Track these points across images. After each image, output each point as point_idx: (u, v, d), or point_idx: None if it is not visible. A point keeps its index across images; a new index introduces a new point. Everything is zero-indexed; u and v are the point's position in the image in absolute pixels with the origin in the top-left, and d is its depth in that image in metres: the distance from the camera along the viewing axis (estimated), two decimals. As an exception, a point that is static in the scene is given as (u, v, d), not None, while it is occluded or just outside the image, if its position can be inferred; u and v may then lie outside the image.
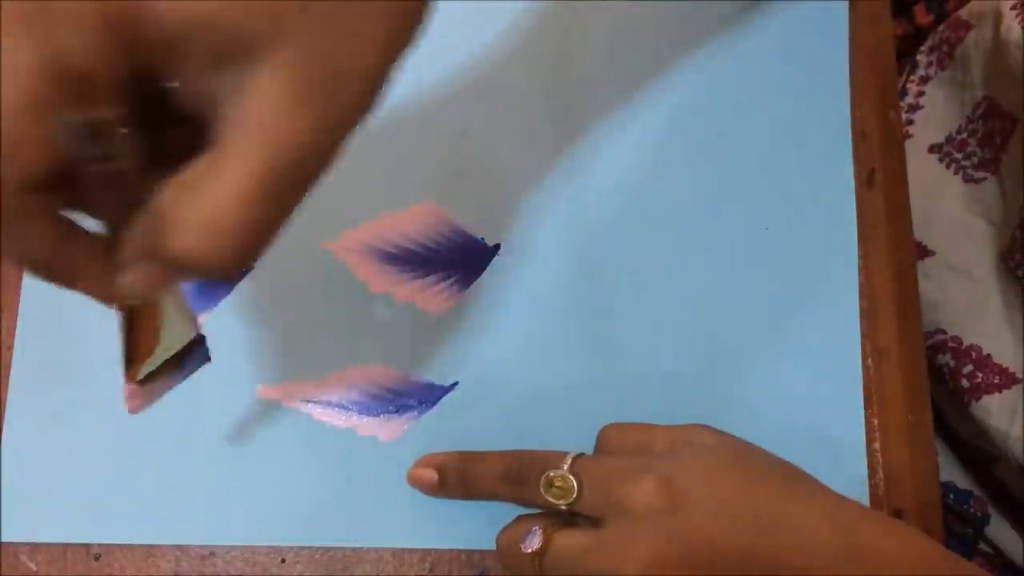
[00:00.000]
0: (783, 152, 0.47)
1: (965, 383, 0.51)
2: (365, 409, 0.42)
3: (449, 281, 0.44)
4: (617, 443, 0.38)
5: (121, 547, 0.40)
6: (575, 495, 0.35)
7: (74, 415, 0.42)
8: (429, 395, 0.43)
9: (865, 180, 0.47)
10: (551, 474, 0.36)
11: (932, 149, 0.57)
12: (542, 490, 0.36)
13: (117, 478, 0.41)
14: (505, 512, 0.39)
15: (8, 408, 0.41)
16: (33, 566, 0.40)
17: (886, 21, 0.50)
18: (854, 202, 0.47)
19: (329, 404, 0.42)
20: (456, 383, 0.43)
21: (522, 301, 0.44)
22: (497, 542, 0.38)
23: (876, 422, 0.44)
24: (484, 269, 0.44)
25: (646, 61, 0.48)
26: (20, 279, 0.43)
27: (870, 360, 0.45)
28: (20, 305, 0.43)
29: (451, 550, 0.41)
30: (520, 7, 0.48)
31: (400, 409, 0.43)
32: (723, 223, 0.46)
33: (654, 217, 0.46)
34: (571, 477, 0.35)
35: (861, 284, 0.46)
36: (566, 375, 0.43)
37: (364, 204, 0.45)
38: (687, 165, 0.46)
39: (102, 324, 0.42)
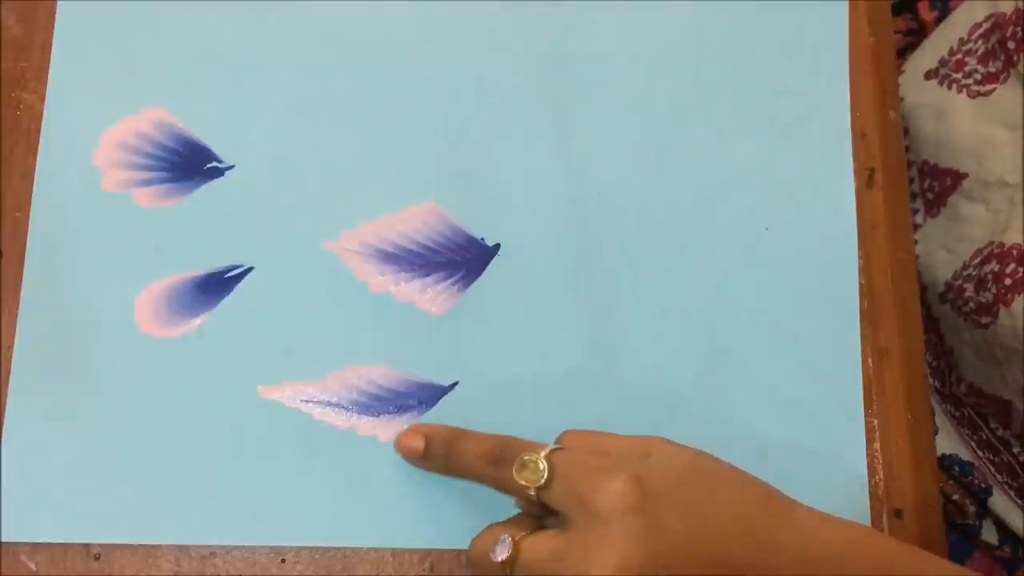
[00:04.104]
0: (783, 152, 0.47)
1: (1008, 281, 0.52)
2: (365, 409, 0.42)
3: (449, 281, 0.44)
4: (576, 447, 0.38)
5: (121, 547, 0.40)
6: (543, 480, 0.35)
7: (74, 415, 0.42)
8: (429, 395, 0.43)
9: (865, 180, 0.47)
10: (525, 457, 0.36)
11: (929, 75, 0.58)
12: (514, 472, 0.36)
13: (117, 478, 0.41)
14: (503, 514, 0.39)
15: (8, 408, 0.41)
16: (33, 566, 0.40)
17: (886, 21, 0.50)
18: (854, 202, 0.47)
19: (329, 404, 0.42)
20: (456, 383, 0.43)
21: (522, 301, 0.44)
22: (469, 552, 0.38)
23: (876, 422, 0.44)
24: (484, 269, 0.44)
25: (646, 61, 0.48)
26: (20, 279, 0.43)
27: (870, 360, 0.45)
28: (20, 305, 0.43)
29: (451, 550, 0.41)
30: (520, 7, 0.48)
31: (400, 409, 0.43)
32: (723, 223, 0.46)
33: (654, 217, 0.46)
34: (543, 462, 0.36)
35: (861, 284, 0.46)
36: (566, 375, 0.43)
37: (364, 204, 0.45)
38: (687, 165, 0.46)
39: (102, 324, 0.43)
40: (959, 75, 0.57)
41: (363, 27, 0.47)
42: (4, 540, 0.40)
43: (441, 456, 0.40)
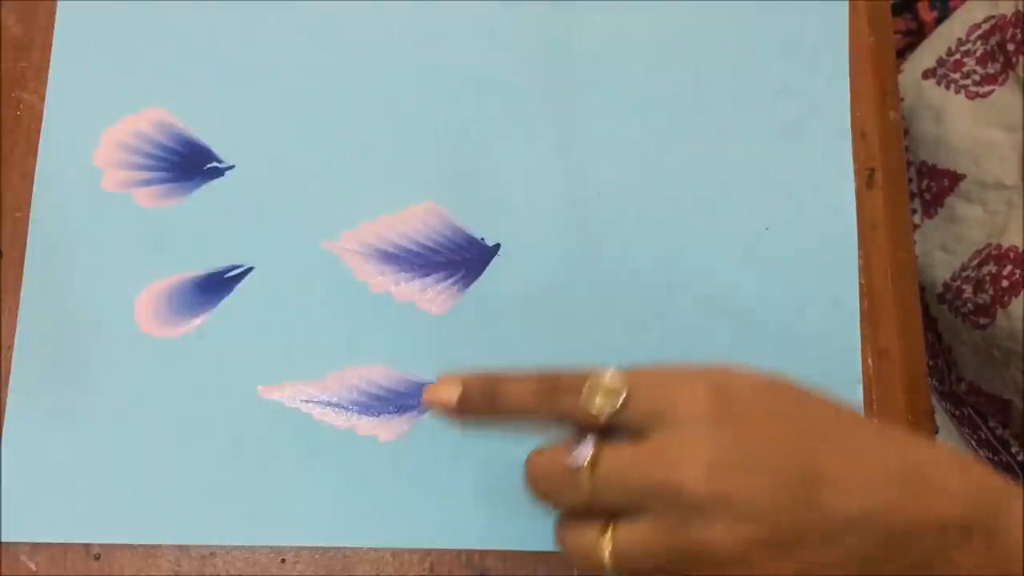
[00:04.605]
0: (783, 152, 0.47)
1: (1005, 283, 0.52)
2: (365, 409, 0.42)
3: (449, 281, 0.44)
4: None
5: (121, 547, 0.40)
6: (623, 397, 0.32)
7: (74, 415, 0.42)
8: (429, 395, 0.43)
9: (865, 180, 0.47)
10: (595, 381, 0.32)
11: (927, 75, 0.58)
12: (585, 394, 0.32)
13: (117, 478, 0.41)
14: (503, 514, 0.39)
15: (8, 408, 0.41)
16: (33, 566, 0.40)
17: (886, 21, 0.50)
18: (854, 202, 0.47)
19: (329, 404, 0.42)
20: (456, 383, 0.43)
21: (522, 301, 0.44)
22: (530, 471, 0.34)
23: (876, 422, 0.44)
24: (484, 269, 0.44)
25: (646, 61, 0.48)
26: (20, 279, 0.43)
27: (870, 360, 0.45)
28: (20, 305, 0.43)
29: (451, 550, 0.41)
30: (520, 7, 0.48)
31: (400, 409, 0.43)
32: (723, 223, 0.46)
33: (654, 217, 0.46)
34: (621, 375, 0.33)
35: (861, 284, 0.46)
36: (566, 375, 0.43)
37: (364, 204, 0.45)
38: (687, 165, 0.46)
39: (102, 324, 0.43)
40: (957, 75, 0.57)
41: (363, 27, 0.47)
42: (4, 540, 0.40)
43: (483, 400, 0.35)
